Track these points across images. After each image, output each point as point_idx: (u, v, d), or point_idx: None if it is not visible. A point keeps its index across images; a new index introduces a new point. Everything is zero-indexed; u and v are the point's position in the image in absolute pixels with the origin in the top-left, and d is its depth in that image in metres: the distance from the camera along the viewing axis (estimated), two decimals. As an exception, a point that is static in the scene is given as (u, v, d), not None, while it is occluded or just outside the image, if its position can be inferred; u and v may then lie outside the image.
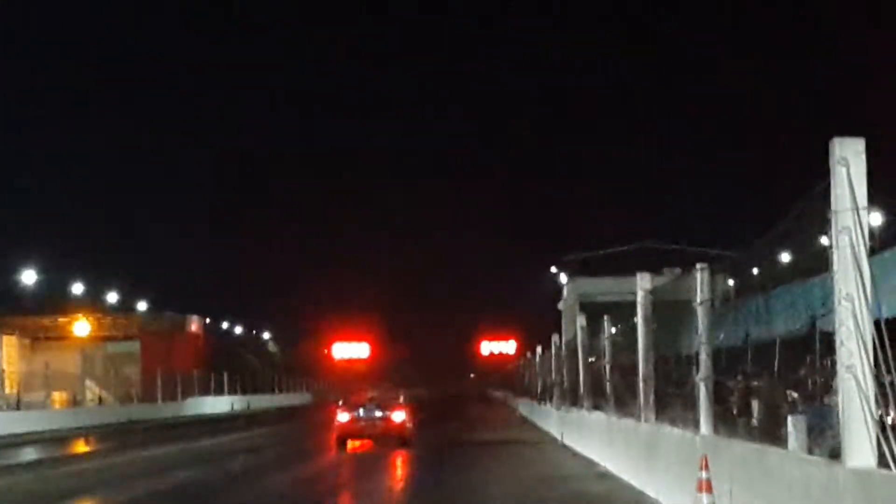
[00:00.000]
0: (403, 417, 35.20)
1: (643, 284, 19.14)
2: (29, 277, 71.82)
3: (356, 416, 35.05)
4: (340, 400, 39.16)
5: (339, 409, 36.54)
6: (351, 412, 35.29)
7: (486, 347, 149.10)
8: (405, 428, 35.11)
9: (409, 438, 34.93)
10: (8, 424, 48.77)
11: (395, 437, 34.52)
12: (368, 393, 39.24)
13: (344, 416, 35.34)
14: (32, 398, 60.26)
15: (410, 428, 35.85)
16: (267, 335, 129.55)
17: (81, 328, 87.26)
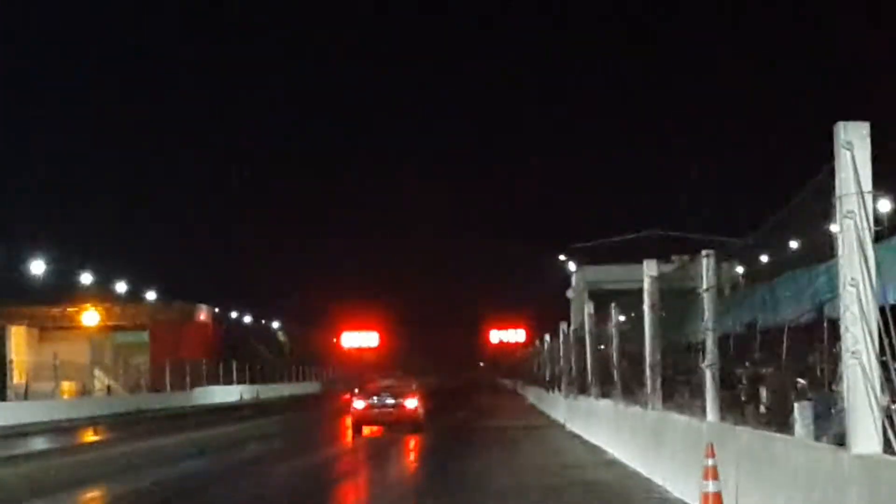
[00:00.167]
0: (416, 404, 36.83)
1: (649, 271, 19.12)
2: (38, 267, 71.87)
3: (371, 403, 36.68)
4: (356, 388, 40.50)
5: (354, 396, 38.13)
6: (366, 400, 36.91)
7: (495, 336, 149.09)
8: (417, 414, 36.75)
9: (421, 424, 36.42)
10: (16, 414, 48.89)
11: (408, 423, 35.97)
12: (382, 381, 40.50)
13: (359, 403, 36.93)
14: (41, 388, 60.28)
15: (422, 414, 37.37)
16: (276, 324, 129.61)
17: (90, 318, 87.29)
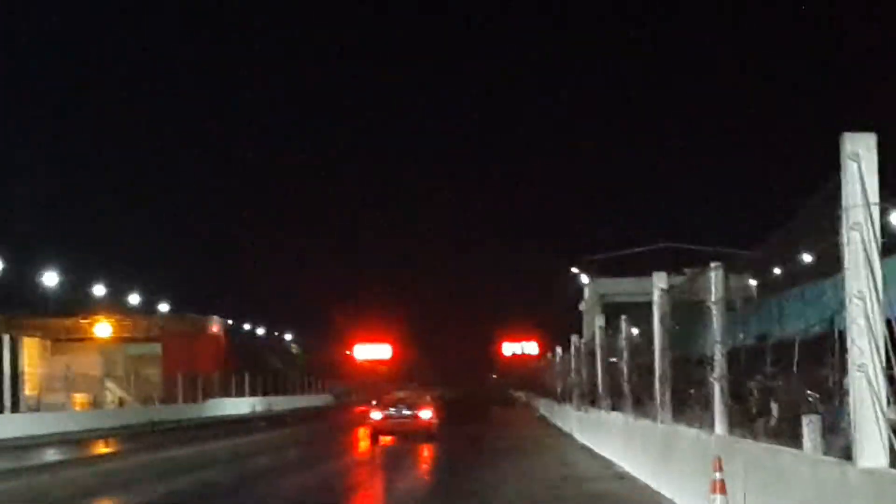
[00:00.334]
0: (430, 415, 39.61)
1: (659, 284, 19.11)
2: (51, 279, 72.10)
3: (388, 414, 39.19)
4: (373, 400, 43.37)
5: (371, 408, 40.84)
6: (383, 411, 39.43)
7: (507, 348, 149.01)
8: (431, 424, 39.27)
9: (434, 434, 38.53)
10: (28, 426, 48.89)
11: (422, 432, 38.09)
12: (398, 394, 43.62)
13: (377, 414, 39.47)
14: (53, 400, 60.37)
15: (436, 424, 39.81)
16: (289, 336, 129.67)
17: (102, 329, 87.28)
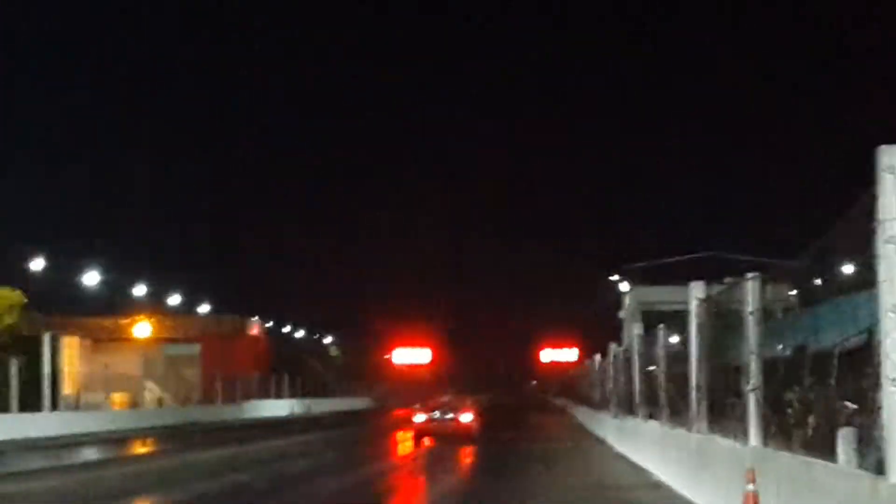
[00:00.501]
0: (470, 419, 41.96)
1: (696, 293, 19.04)
2: (91, 279, 72.51)
3: (431, 417, 41.89)
4: (417, 404, 45.59)
5: (415, 411, 43.25)
6: (426, 414, 42.12)
7: (547, 355, 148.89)
8: (471, 428, 41.45)
9: (474, 437, 40.52)
10: (67, 425, 49.25)
11: (462, 435, 40.00)
12: (440, 398, 46.10)
13: (420, 417, 42.19)
14: (93, 399, 60.77)
15: (476, 428, 41.99)
16: (329, 339, 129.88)
17: (142, 330, 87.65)
